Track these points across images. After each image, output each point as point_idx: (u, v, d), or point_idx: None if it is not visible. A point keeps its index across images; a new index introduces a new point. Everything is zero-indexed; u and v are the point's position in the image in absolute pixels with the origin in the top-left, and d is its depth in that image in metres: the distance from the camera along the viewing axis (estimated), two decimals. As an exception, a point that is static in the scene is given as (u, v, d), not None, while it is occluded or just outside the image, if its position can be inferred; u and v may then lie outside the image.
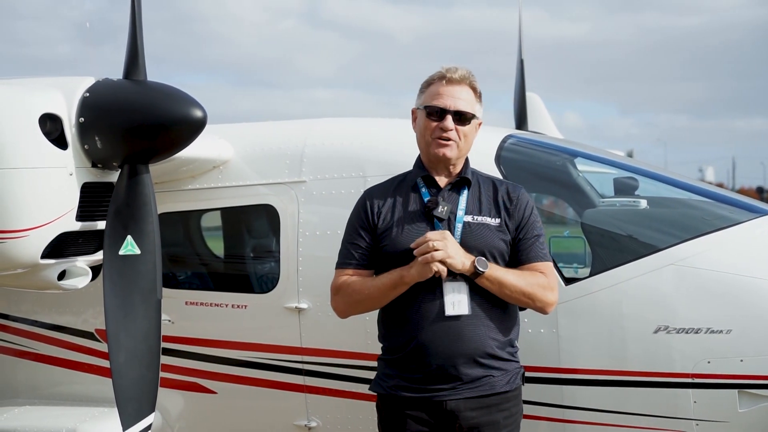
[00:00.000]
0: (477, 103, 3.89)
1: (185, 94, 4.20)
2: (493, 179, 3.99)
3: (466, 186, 3.87)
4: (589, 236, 5.12)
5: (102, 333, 5.09)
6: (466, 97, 3.85)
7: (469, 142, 3.88)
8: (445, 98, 3.82)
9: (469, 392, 3.71)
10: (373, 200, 3.91)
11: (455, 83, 3.84)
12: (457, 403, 3.70)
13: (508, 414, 3.80)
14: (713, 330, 4.33)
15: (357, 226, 3.91)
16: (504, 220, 3.82)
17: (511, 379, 3.80)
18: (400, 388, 3.79)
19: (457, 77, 3.84)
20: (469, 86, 3.87)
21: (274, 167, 5.12)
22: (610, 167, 5.77)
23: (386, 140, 5.13)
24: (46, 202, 4.07)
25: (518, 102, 7.89)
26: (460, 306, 3.69)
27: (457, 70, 3.86)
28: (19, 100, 4.08)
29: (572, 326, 4.52)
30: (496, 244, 3.78)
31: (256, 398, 5.13)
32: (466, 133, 3.84)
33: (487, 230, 3.78)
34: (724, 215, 5.01)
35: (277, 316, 4.98)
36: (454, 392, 3.70)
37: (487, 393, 3.73)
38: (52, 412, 5.28)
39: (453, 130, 3.80)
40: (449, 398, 3.70)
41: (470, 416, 3.71)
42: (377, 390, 3.92)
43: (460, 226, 3.77)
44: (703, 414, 4.37)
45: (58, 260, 4.28)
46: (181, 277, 5.65)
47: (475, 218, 3.80)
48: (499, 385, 3.76)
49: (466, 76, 3.86)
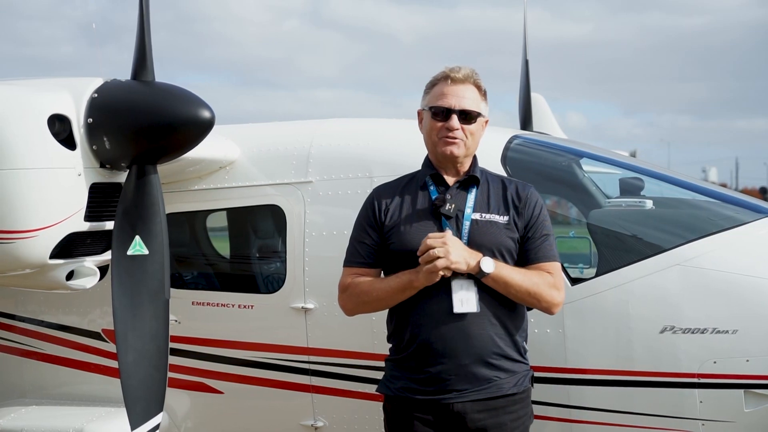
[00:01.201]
0: (482, 102, 3.89)
1: (193, 95, 4.21)
2: (502, 178, 3.99)
3: (475, 184, 3.86)
4: (594, 236, 5.12)
5: (109, 333, 5.11)
6: (471, 96, 3.84)
7: (476, 140, 3.88)
8: (449, 98, 3.82)
9: (476, 394, 3.70)
10: (381, 198, 3.91)
11: (459, 82, 3.84)
12: (464, 405, 3.69)
13: (516, 417, 3.78)
14: (719, 330, 4.34)
15: (364, 223, 3.91)
16: (513, 217, 3.81)
17: (519, 382, 3.78)
18: (407, 390, 3.78)
19: (460, 76, 3.84)
20: (473, 85, 3.86)
21: (281, 168, 5.13)
22: (615, 168, 5.77)
23: (393, 141, 5.15)
24: (55, 203, 4.09)
25: (523, 102, 7.88)
26: (468, 303, 3.68)
27: (460, 70, 3.86)
28: (27, 100, 4.09)
29: (578, 326, 4.53)
30: (504, 241, 3.77)
31: (262, 398, 5.14)
32: (473, 131, 3.84)
33: (495, 228, 3.77)
34: (729, 215, 5.00)
35: (283, 316, 4.99)
36: (461, 394, 3.69)
37: (494, 395, 3.72)
38: (59, 412, 5.29)
39: (459, 129, 3.80)
40: (456, 400, 3.69)
41: (477, 418, 3.70)
42: (384, 391, 3.92)
43: (468, 223, 3.76)
44: (709, 414, 4.37)
45: (67, 260, 4.30)
46: (187, 278, 5.66)
47: (483, 216, 3.79)
48: (507, 387, 3.74)
49: (470, 75, 3.86)
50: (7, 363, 5.63)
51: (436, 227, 3.75)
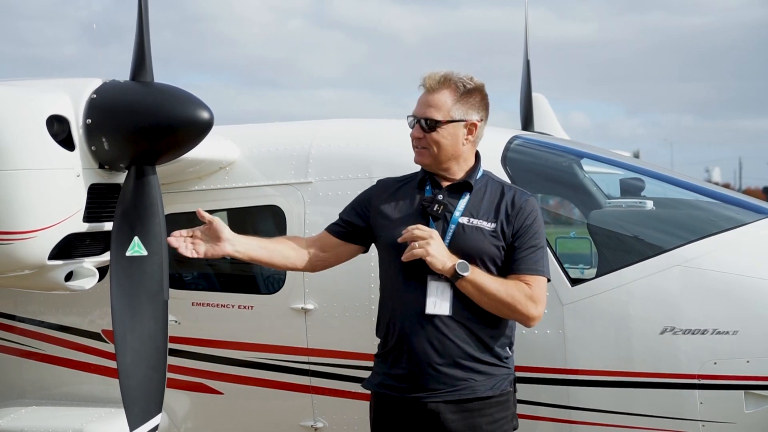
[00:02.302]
0: (456, 105, 3.77)
1: (192, 96, 4.21)
2: (504, 184, 3.92)
3: (467, 190, 3.84)
4: (595, 237, 5.12)
5: (109, 333, 5.10)
6: (437, 103, 3.76)
7: (446, 146, 3.78)
8: (416, 106, 3.82)
9: (450, 395, 3.69)
10: (380, 192, 3.97)
11: (430, 90, 3.80)
12: (438, 405, 3.69)
13: (491, 420, 3.73)
14: (719, 331, 4.33)
15: (354, 204, 4.04)
16: (501, 225, 3.76)
17: (496, 384, 3.74)
18: (385, 386, 3.80)
19: (429, 84, 3.79)
20: (447, 89, 3.78)
21: (281, 168, 5.12)
22: (616, 168, 5.77)
23: (393, 141, 5.12)
24: (54, 204, 4.08)
25: (524, 103, 7.87)
26: (440, 306, 3.67)
27: (432, 76, 3.80)
28: (26, 101, 4.08)
29: (578, 327, 4.52)
30: (486, 248, 3.72)
31: (262, 399, 5.14)
32: (436, 139, 3.77)
33: (480, 234, 3.73)
34: (730, 216, 4.99)
35: (283, 316, 4.99)
36: (435, 394, 3.69)
37: (467, 397, 3.69)
38: (59, 413, 5.30)
39: (422, 138, 3.79)
40: (430, 399, 3.69)
41: (450, 419, 3.68)
42: (367, 386, 3.95)
43: (453, 226, 3.74)
44: (709, 415, 4.36)
45: (66, 261, 4.29)
46: (187, 278, 5.66)
47: (470, 221, 3.76)
48: (482, 389, 3.71)
49: (444, 79, 3.78)
50: (7, 363, 5.63)
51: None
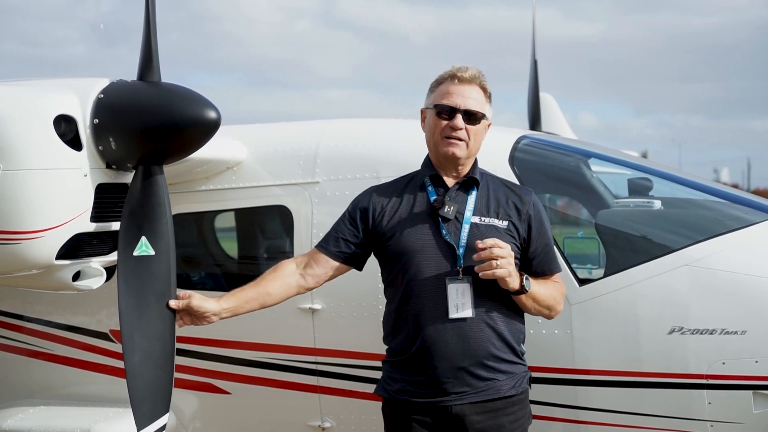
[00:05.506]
0: (486, 104, 3.86)
1: (199, 96, 4.20)
2: (502, 181, 3.94)
3: (475, 186, 3.82)
4: (603, 237, 5.12)
5: (116, 333, 5.10)
6: (476, 97, 3.81)
7: (478, 142, 3.84)
8: (455, 97, 3.79)
9: (475, 396, 3.69)
10: (376, 202, 3.88)
11: (465, 82, 3.80)
12: (463, 408, 3.68)
13: (514, 418, 3.76)
14: (728, 331, 4.32)
15: (346, 219, 3.93)
16: (513, 222, 3.77)
17: (517, 383, 3.77)
18: (405, 393, 3.77)
19: (467, 77, 3.81)
20: (479, 86, 3.83)
21: (288, 168, 5.12)
22: (624, 168, 5.75)
23: (400, 141, 5.13)
24: (61, 203, 4.08)
25: (532, 102, 7.87)
26: (463, 308, 3.66)
27: (467, 70, 3.82)
28: (33, 101, 4.09)
29: (586, 327, 4.51)
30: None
31: (269, 399, 5.14)
32: (476, 132, 3.80)
33: (495, 232, 3.71)
34: (738, 216, 4.98)
35: (290, 316, 4.98)
36: (460, 397, 3.68)
37: (492, 397, 3.70)
38: (67, 413, 5.30)
39: (463, 129, 3.76)
40: (455, 403, 3.68)
41: (476, 420, 3.68)
42: (382, 393, 3.90)
43: (467, 227, 3.72)
44: (717, 415, 4.35)
45: (73, 261, 4.29)
46: (194, 278, 5.66)
47: (482, 219, 3.75)
48: (505, 389, 3.73)
49: (477, 76, 3.83)
50: (15, 363, 5.64)
51: (434, 229, 3.73)
